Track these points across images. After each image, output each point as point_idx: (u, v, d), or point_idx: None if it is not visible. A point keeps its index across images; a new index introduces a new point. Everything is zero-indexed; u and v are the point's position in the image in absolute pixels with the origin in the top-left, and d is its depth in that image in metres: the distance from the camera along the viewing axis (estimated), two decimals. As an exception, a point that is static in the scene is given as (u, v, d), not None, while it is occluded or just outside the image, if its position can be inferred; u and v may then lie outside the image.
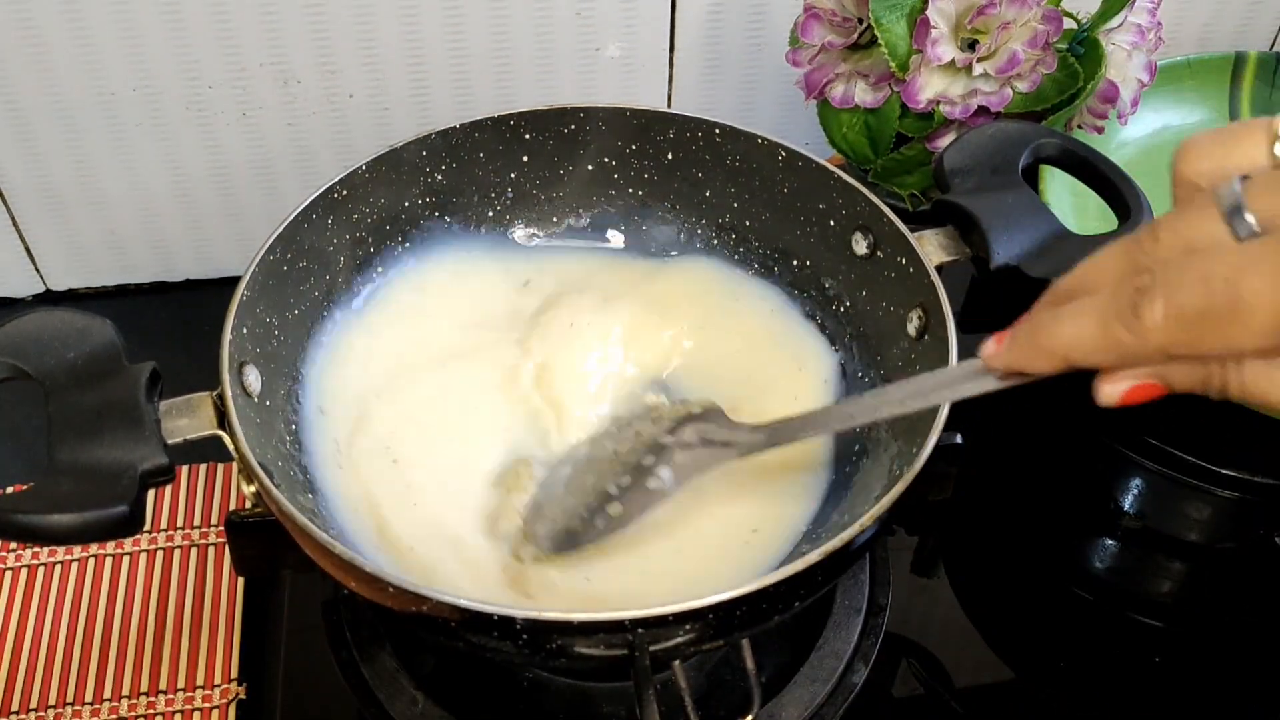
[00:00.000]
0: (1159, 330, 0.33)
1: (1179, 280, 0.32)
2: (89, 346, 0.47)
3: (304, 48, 0.70)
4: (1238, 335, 0.31)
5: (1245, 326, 0.31)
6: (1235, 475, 0.64)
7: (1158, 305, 0.32)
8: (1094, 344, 0.35)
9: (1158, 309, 0.32)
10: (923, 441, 0.45)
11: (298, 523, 0.43)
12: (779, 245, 0.62)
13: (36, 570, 0.62)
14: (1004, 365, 0.40)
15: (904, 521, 0.67)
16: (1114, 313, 0.34)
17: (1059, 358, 0.37)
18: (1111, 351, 0.35)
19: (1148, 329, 0.33)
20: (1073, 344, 0.36)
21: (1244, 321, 0.31)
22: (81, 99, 0.70)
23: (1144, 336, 0.33)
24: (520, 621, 0.40)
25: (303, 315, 0.57)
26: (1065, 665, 0.60)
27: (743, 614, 0.42)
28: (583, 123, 0.62)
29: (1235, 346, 0.32)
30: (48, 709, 0.57)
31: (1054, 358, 0.37)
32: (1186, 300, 0.32)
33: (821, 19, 0.66)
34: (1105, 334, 0.34)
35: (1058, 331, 0.36)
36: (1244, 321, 0.31)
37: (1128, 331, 0.33)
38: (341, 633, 0.57)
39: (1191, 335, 0.32)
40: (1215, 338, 0.32)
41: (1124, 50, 0.66)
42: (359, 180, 0.58)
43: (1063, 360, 0.37)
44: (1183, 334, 0.32)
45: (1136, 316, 0.33)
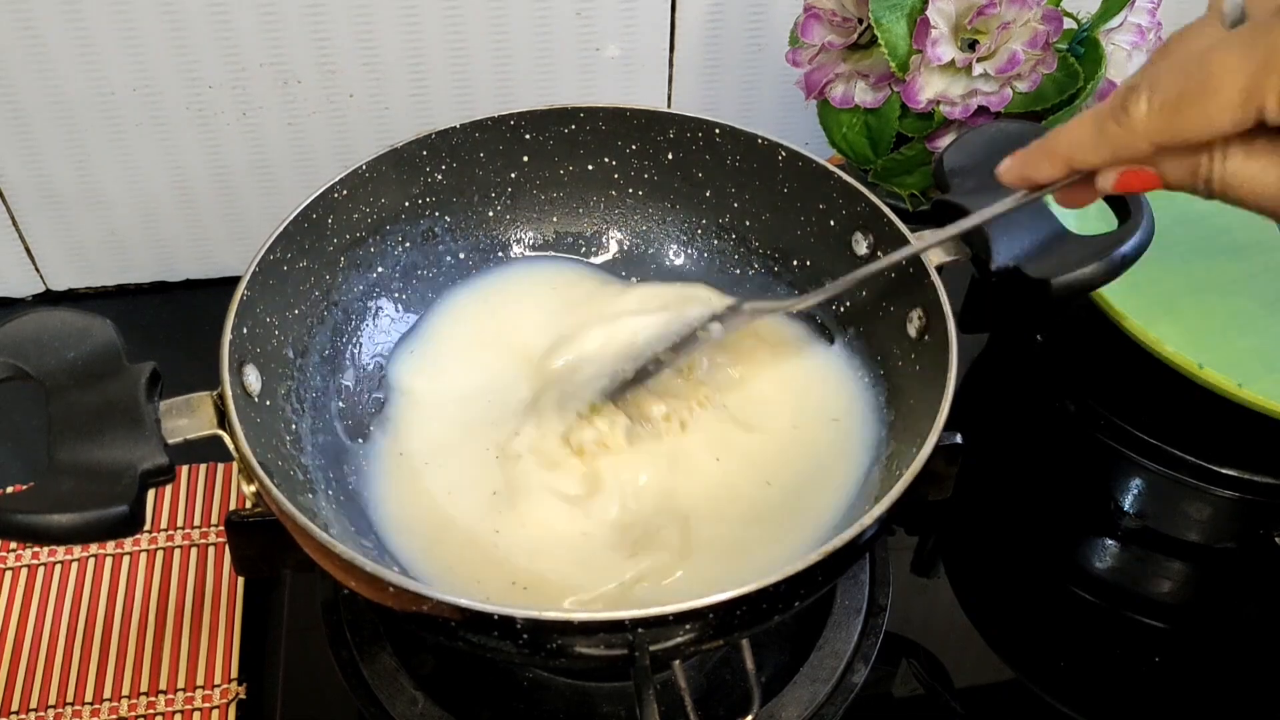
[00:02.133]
0: (1143, 119, 0.36)
1: (1164, 74, 0.36)
2: (89, 346, 0.47)
3: (304, 48, 0.70)
4: (1211, 112, 0.34)
5: (1215, 101, 0.34)
6: (1235, 475, 0.64)
7: (1142, 98, 0.36)
8: (1089, 140, 0.39)
9: (1142, 101, 0.36)
10: (923, 441, 0.45)
11: (298, 523, 0.43)
12: (779, 245, 0.62)
13: (36, 570, 0.62)
14: (1015, 174, 0.43)
15: (904, 521, 0.67)
16: (1107, 111, 0.38)
17: (1061, 159, 0.41)
18: (1105, 146, 0.38)
19: (1134, 119, 0.36)
20: (1072, 144, 0.40)
21: (1213, 96, 0.34)
22: (81, 99, 0.70)
23: (1131, 127, 0.37)
24: (520, 621, 0.40)
25: (303, 315, 0.57)
26: (1065, 665, 0.60)
27: (743, 614, 0.42)
28: (583, 123, 0.62)
29: (1212, 124, 0.35)
30: (48, 709, 0.57)
31: (1056, 159, 0.41)
32: (1168, 88, 0.35)
33: (821, 19, 0.66)
34: (1099, 130, 0.38)
35: (1061, 137, 0.40)
36: (1213, 96, 0.34)
37: (1117, 125, 0.37)
38: (341, 633, 0.57)
39: (1173, 120, 0.35)
40: (1193, 118, 0.35)
41: (1124, 50, 0.66)
42: (359, 180, 0.58)
43: (1064, 162, 0.40)
44: (1165, 120, 0.36)
45: (1125, 111, 0.37)
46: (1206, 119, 0.35)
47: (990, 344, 0.77)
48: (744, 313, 0.55)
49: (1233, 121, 0.34)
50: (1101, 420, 0.67)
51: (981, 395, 0.74)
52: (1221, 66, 0.34)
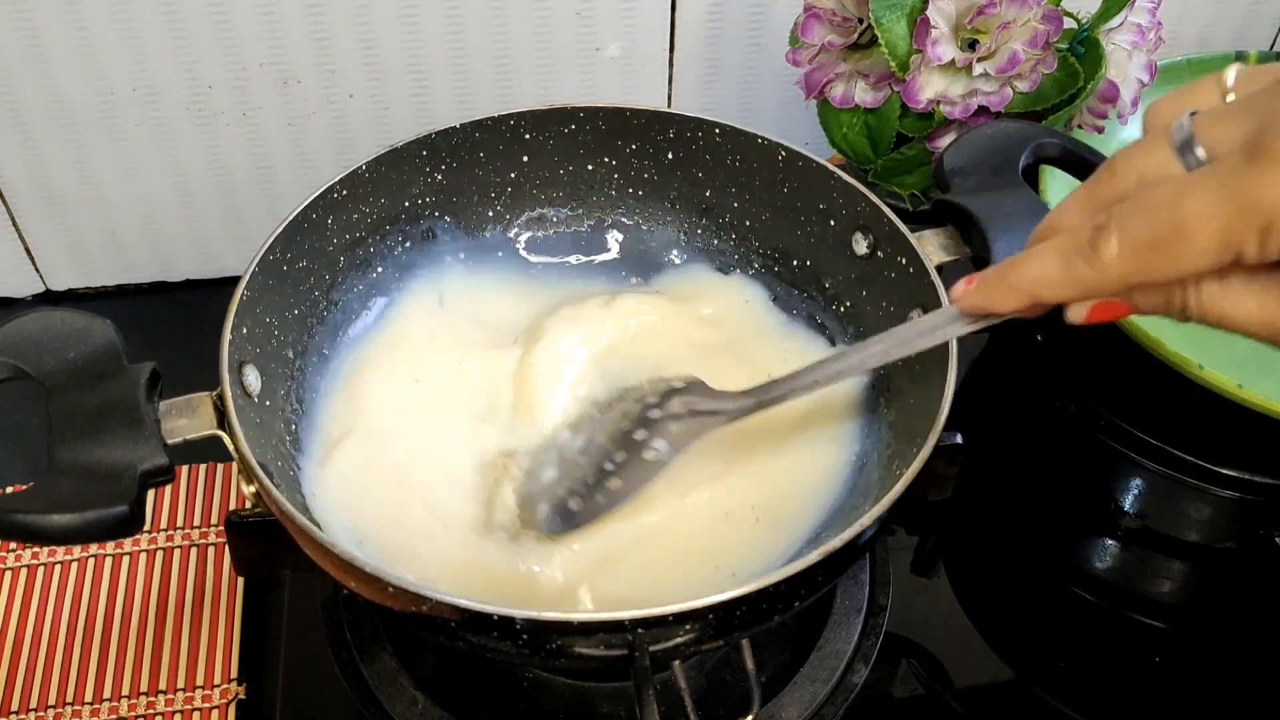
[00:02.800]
0: (1115, 262, 0.35)
1: (1131, 214, 0.35)
2: (89, 346, 0.47)
3: (304, 48, 0.70)
4: (1186, 257, 0.34)
5: (1190, 247, 0.33)
6: (1235, 475, 0.64)
7: (1113, 239, 0.35)
8: (1058, 279, 0.38)
9: (1113, 243, 0.35)
10: (923, 441, 0.45)
11: (298, 523, 0.43)
12: (779, 245, 0.62)
13: (36, 570, 0.62)
14: (972, 305, 0.42)
15: (904, 521, 0.67)
16: (1074, 249, 0.37)
17: (1025, 294, 0.39)
18: (1074, 285, 0.37)
19: (1105, 263, 0.36)
20: (1038, 281, 0.39)
21: (1189, 242, 0.33)
22: (81, 99, 0.70)
23: (1103, 270, 0.36)
24: (520, 621, 0.40)
25: (303, 315, 0.57)
26: (1065, 665, 0.60)
27: (743, 614, 0.42)
28: (583, 123, 0.62)
29: (1186, 268, 0.34)
30: (48, 709, 0.57)
31: (1020, 294, 0.40)
32: (1138, 231, 0.35)
33: (821, 19, 0.66)
34: (1067, 269, 0.37)
35: (1024, 270, 0.39)
36: (1189, 242, 0.33)
37: (1087, 266, 0.36)
38: (341, 633, 0.57)
39: (1145, 263, 0.35)
40: (1167, 262, 0.34)
41: (1124, 50, 0.66)
42: (359, 180, 0.58)
43: (1029, 297, 0.39)
44: (1137, 263, 0.35)
45: (1095, 251, 0.36)
46: (1181, 262, 0.34)
47: (990, 344, 0.77)
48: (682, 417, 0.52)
49: (1208, 264, 0.34)
50: (1101, 420, 0.67)
51: (981, 395, 0.74)
52: (1196, 212, 0.33)
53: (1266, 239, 0.32)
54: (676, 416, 0.52)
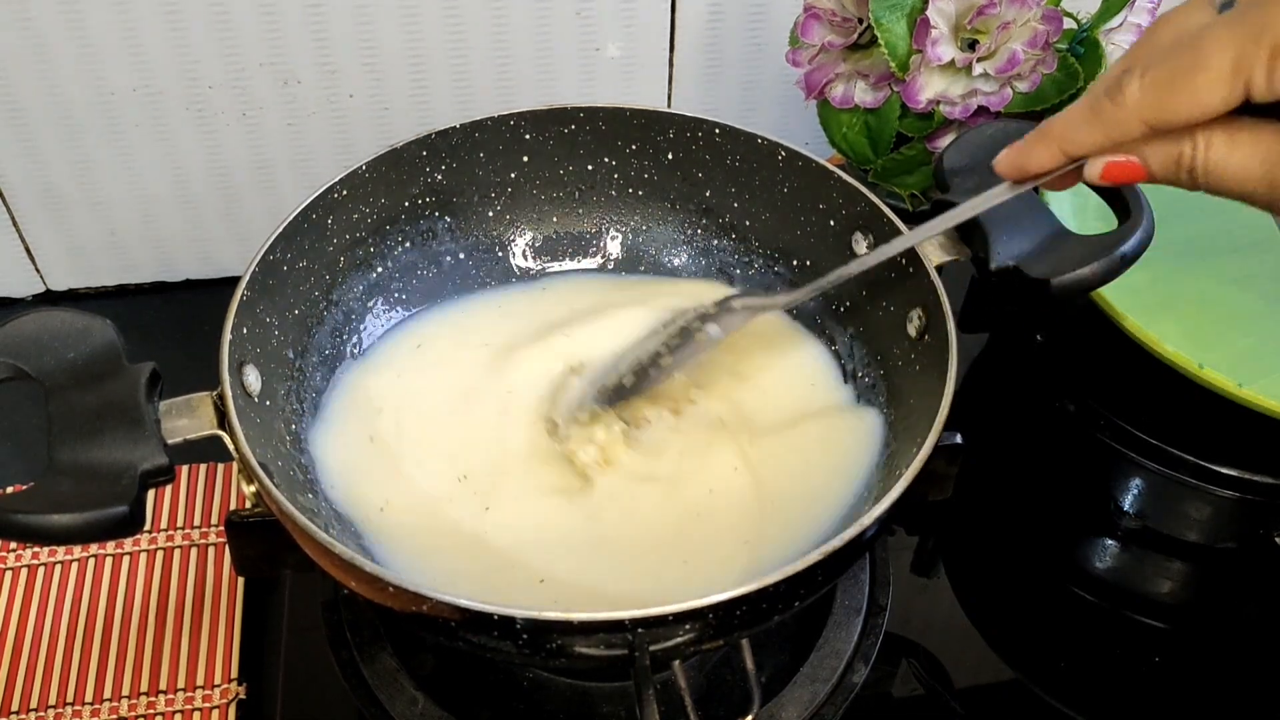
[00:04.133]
0: (1136, 97, 0.37)
1: (1156, 56, 0.37)
2: (89, 346, 0.47)
3: (304, 48, 0.70)
4: (1202, 87, 0.36)
5: (1206, 76, 0.35)
6: (1235, 475, 0.64)
7: (1135, 77, 0.37)
8: (1082, 123, 0.40)
9: (1135, 80, 0.37)
10: (923, 441, 0.45)
11: (298, 523, 0.43)
12: (779, 245, 0.62)
13: (36, 570, 0.62)
14: (1009, 163, 0.44)
15: (904, 521, 0.67)
16: (1101, 90, 0.39)
17: (1055, 144, 0.41)
18: (1098, 127, 0.39)
19: (1127, 97, 0.38)
20: (1066, 127, 0.41)
21: (1204, 71, 0.35)
22: (81, 99, 0.70)
23: (1124, 105, 0.38)
24: (520, 621, 0.40)
25: (303, 315, 0.57)
26: (1065, 665, 0.60)
27: (743, 614, 0.42)
28: (583, 123, 0.62)
29: (1202, 101, 0.36)
30: (48, 709, 0.57)
31: (1051, 145, 0.42)
32: (1159, 66, 0.37)
33: (821, 19, 0.66)
34: (1092, 111, 0.39)
35: (1055, 122, 0.41)
36: (1204, 71, 0.35)
37: (1110, 103, 0.38)
38: (341, 633, 0.57)
39: (1164, 97, 0.37)
40: (1184, 94, 0.36)
41: (1124, 50, 0.66)
42: (359, 180, 0.58)
43: (1059, 146, 0.41)
44: (1156, 97, 0.37)
45: (1119, 89, 0.38)
46: (1197, 95, 0.36)
47: (990, 344, 0.77)
48: (737, 310, 0.55)
49: (1222, 98, 0.36)
50: (1101, 420, 0.67)
51: (981, 395, 0.74)
52: (1211, 42, 0.35)
53: (1275, 64, 0.34)
54: (731, 309, 0.55)
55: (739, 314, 0.55)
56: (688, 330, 0.55)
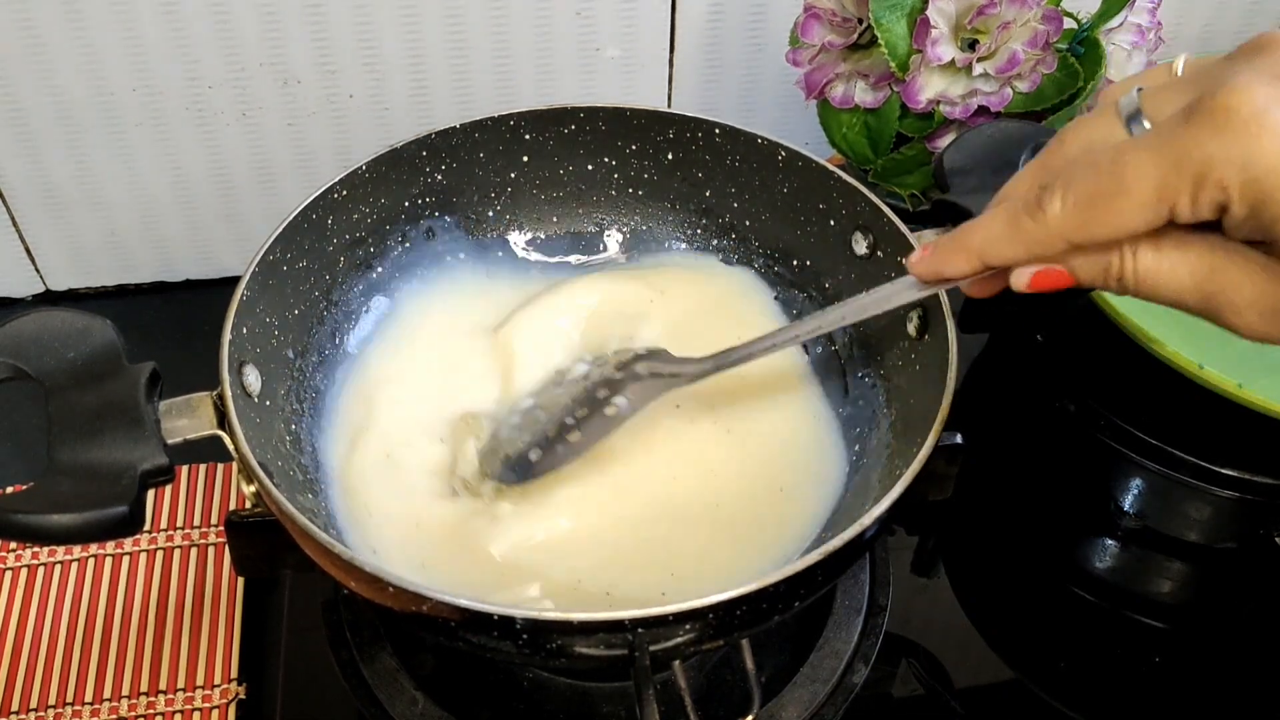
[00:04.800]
0: (1058, 218, 0.37)
1: (1075, 173, 0.37)
2: (89, 346, 0.47)
3: (304, 48, 0.70)
4: (1125, 210, 0.36)
5: (1129, 200, 0.35)
6: (1235, 475, 0.64)
7: (1056, 197, 0.37)
8: (1003, 237, 0.40)
9: (1056, 200, 0.37)
10: (923, 441, 0.45)
11: (298, 523, 0.43)
12: (779, 245, 0.62)
13: (36, 570, 0.62)
14: (926, 268, 0.44)
15: (904, 521, 0.67)
16: (1021, 207, 0.39)
17: (975, 255, 0.41)
18: (1019, 243, 0.39)
19: (1049, 217, 0.37)
20: (985, 241, 0.40)
21: (1127, 196, 0.35)
22: (81, 99, 0.70)
23: (1046, 224, 0.38)
24: (520, 621, 0.40)
25: (303, 315, 0.57)
26: (1065, 665, 0.60)
27: (743, 614, 0.42)
28: (583, 123, 0.62)
29: (1125, 223, 0.36)
30: (48, 709, 0.57)
31: (970, 255, 0.41)
32: (1080, 188, 0.37)
33: (821, 19, 0.66)
34: (1013, 227, 0.39)
35: (973, 232, 0.41)
36: (1127, 196, 0.35)
37: (1032, 222, 0.38)
38: (341, 633, 0.57)
39: (1086, 218, 0.37)
40: (1107, 217, 0.36)
41: (1124, 50, 0.66)
42: (359, 180, 0.58)
43: (978, 257, 0.41)
44: (1079, 218, 0.37)
45: (1040, 208, 0.38)
46: (1120, 217, 0.36)
47: (990, 344, 0.77)
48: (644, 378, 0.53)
49: (1145, 220, 0.36)
50: (1101, 420, 0.67)
51: (981, 395, 0.74)
52: (1134, 167, 0.35)
53: (1199, 193, 0.34)
54: (638, 378, 0.53)
55: (648, 383, 0.53)
56: (595, 400, 0.53)
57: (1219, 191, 0.34)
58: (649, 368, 0.53)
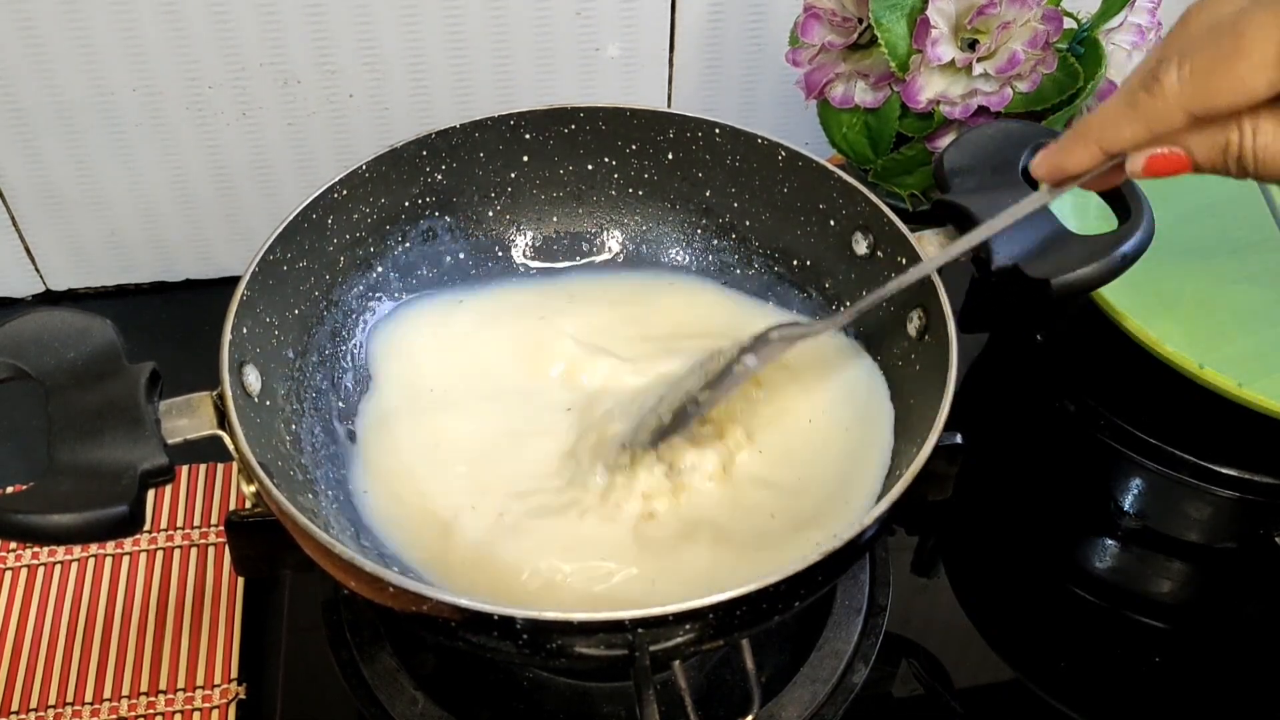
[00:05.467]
0: (1175, 87, 0.36)
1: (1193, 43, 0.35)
2: (89, 346, 0.47)
3: (304, 48, 0.70)
4: (1246, 72, 0.34)
5: (1249, 61, 0.34)
6: (1235, 475, 0.64)
7: (1173, 67, 0.36)
8: (1121, 117, 0.38)
9: (1173, 70, 0.36)
10: (923, 441, 0.45)
11: (298, 523, 0.43)
12: (779, 245, 0.62)
13: (36, 570, 0.62)
14: (1049, 166, 0.43)
15: (904, 521, 0.67)
16: (1138, 83, 0.37)
17: (1093, 142, 0.40)
18: (1138, 120, 0.37)
19: (1166, 88, 0.36)
20: (1103, 125, 0.39)
21: (1247, 57, 0.34)
22: (81, 99, 0.70)
23: (1164, 95, 0.36)
24: (520, 621, 0.40)
25: (303, 315, 0.57)
26: (1065, 665, 0.60)
27: (743, 614, 0.42)
28: (583, 123, 0.62)
29: (1247, 87, 0.34)
30: (48, 709, 0.57)
31: (1088, 143, 0.40)
32: (1199, 54, 0.35)
33: (821, 19, 0.66)
34: (1130, 104, 0.37)
35: (1092, 120, 0.40)
36: (1247, 57, 0.34)
37: (1149, 96, 0.36)
38: (341, 633, 0.57)
39: (1206, 85, 0.35)
40: (1226, 82, 0.34)
41: (1124, 50, 0.66)
42: (359, 180, 0.58)
43: (1097, 144, 0.40)
44: (1198, 85, 0.35)
45: (1157, 80, 0.36)
46: (1241, 82, 0.34)
47: (990, 344, 0.77)
48: (774, 341, 0.53)
49: (1268, 81, 0.34)
50: (1101, 420, 0.67)
51: (981, 395, 0.74)
52: (1253, 27, 0.33)
53: None
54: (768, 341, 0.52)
55: (776, 345, 0.52)
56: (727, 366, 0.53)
57: None
58: (780, 333, 0.53)
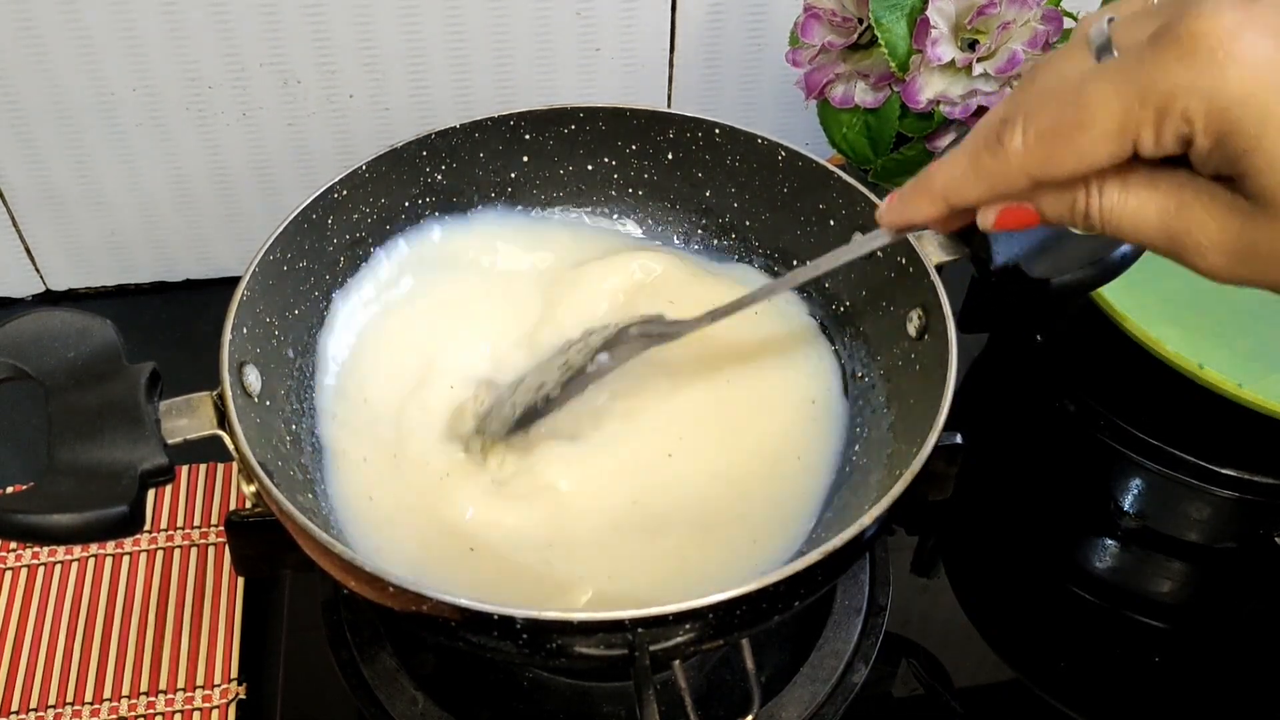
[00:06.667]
0: (1019, 152, 0.36)
1: (1036, 105, 0.35)
2: (89, 346, 0.47)
3: (304, 48, 0.70)
4: (1087, 143, 0.34)
5: (1091, 133, 0.34)
6: (1235, 475, 0.64)
7: (1017, 130, 0.36)
8: (965, 176, 0.38)
9: (1017, 133, 0.36)
10: (923, 441, 0.45)
11: (298, 523, 0.43)
12: (779, 245, 0.62)
13: (36, 570, 0.62)
14: (894, 217, 0.44)
15: (904, 521, 0.67)
16: (982, 144, 0.37)
17: (939, 197, 0.40)
18: (981, 181, 0.38)
19: (1009, 151, 0.36)
20: (948, 181, 0.39)
21: (1089, 128, 0.34)
22: (81, 99, 0.70)
23: (1007, 160, 0.36)
24: (520, 621, 0.40)
25: (303, 315, 0.57)
26: (1065, 665, 0.60)
27: (743, 614, 0.42)
28: (583, 123, 0.62)
29: (1087, 157, 0.34)
30: (48, 709, 0.57)
31: (934, 198, 0.40)
32: (1042, 120, 0.35)
33: (821, 19, 0.66)
34: (974, 164, 0.37)
35: (936, 173, 0.40)
36: (1089, 128, 0.34)
37: (992, 158, 0.37)
38: (341, 633, 0.57)
39: (1048, 152, 0.35)
40: (1068, 150, 0.34)
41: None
42: (359, 180, 0.58)
43: (942, 199, 0.40)
44: (1040, 152, 0.35)
45: (1000, 143, 0.36)
46: (1082, 151, 0.34)
47: (990, 344, 0.77)
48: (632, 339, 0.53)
49: (1108, 154, 0.34)
50: (1101, 420, 0.67)
51: (981, 395, 0.74)
52: (1096, 98, 0.33)
53: (1163, 124, 0.33)
54: (628, 340, 0.53)
55: (634, 343, 0.53)
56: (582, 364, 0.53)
57: (1184, 123, 0.32)
58: (642, 329, 0.53)
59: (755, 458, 0.55)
